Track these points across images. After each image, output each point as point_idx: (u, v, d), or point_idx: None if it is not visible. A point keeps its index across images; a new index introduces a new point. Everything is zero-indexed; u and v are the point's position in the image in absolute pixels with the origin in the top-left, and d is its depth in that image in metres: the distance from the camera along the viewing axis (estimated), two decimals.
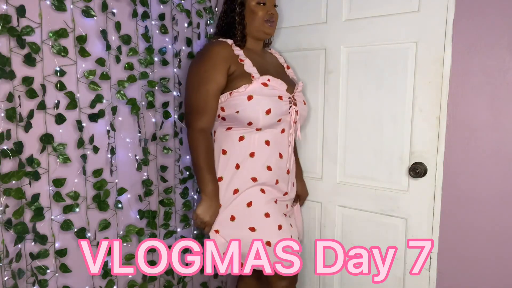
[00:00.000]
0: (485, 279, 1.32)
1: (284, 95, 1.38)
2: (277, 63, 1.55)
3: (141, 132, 1.43)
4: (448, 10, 1.31)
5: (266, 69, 1.43)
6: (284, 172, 1.44)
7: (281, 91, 1.38)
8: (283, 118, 1.39)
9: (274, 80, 1.37)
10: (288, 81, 1.47)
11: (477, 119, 1.29)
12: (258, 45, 1.48)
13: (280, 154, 1.41)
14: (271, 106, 1.33)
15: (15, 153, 1.10)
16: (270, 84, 1.35)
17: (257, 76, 1.35)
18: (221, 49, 1.36)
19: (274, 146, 1.40)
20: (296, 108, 1.43)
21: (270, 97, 1.34)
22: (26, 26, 1.10)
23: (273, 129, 1.39)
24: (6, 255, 1.10)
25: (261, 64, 1.43)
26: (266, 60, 1.49)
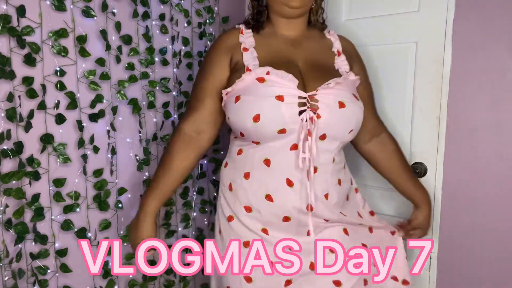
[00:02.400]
0: (485, 279, 1.32)
1: (289, 94, 1.00)
2: (322, 50, 1.16)
3: (141, 132, 1.43)
4: (448, 10, 1.31)
5: (284, 58, 1.09)
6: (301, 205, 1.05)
7: (286, 88, 1.00)
8: (289, 128, 1.00)
9: (275, 72, 1.02)
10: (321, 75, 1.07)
11: (477, 119, 1.29)
12: (293, 27, 1.13)
13: (288, 181, 1.04)
14: (261, 110, 0.99)
15: (15, 153, 1.10)
16: (269, 79, 1.01)
17: (254, 68, 1.05)
18: (225, 37, 1.14)
19: (278, 168, 1.04)
20: (311, 114, 1.00)
21: (263, 97, 1.00)
22: (26, 26, 1.10)
23: (275, 143, 1.03)
24: (6, 255, 1.10)
25: (280, 52, 1.11)
26: (299, 47, 1.13)
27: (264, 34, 1.14)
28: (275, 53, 1.11)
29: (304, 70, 1.08)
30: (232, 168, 1.13)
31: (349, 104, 1.04)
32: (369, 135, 1.24)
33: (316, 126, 1.01)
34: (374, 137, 1.25)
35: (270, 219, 1.07)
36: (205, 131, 1.14)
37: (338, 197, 1.10)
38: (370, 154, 1.27)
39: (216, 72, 1.11)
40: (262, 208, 1.07)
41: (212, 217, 1.75)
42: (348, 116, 1.04)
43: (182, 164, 1.13)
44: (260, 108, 0.99)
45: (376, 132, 1.25)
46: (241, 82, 1.04)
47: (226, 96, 1.08)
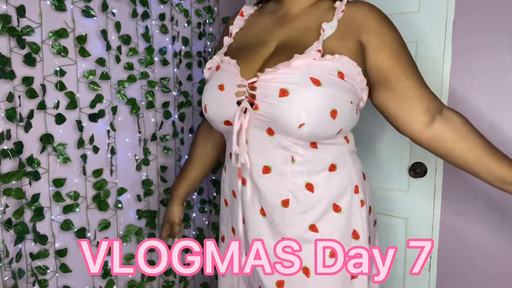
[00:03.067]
0: (485, 279, 1.32)
1: (229, 83, 0.92)
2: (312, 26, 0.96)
3: (141, 132, 1.43)
4: (448, 10, 1.31)
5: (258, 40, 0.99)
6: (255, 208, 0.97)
7: (230, 76, 0.93)
8: (232, 120, 0.93)
9: (226, 60, 0.97)
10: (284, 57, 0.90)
11: (477, 119, 1.29)
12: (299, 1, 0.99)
13: (243, 179, 0.97)
14: (206, 100, 0.96)
15: (15, 153, 1.10)
16: (222, 67, 0.97)
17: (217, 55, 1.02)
18: (228, 22, 1.12)
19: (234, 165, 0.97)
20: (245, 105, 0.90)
21: (210, 87, 0.96)
22: (26, 26, 1.10)
23: (231, 136, 0.96)
24: (6, 255, 1.10)
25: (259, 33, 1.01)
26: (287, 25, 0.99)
27: (264, 12, 1.06)
28: (253, 36, 1.01)
29: (273, 54, 0.94)
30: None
31: (296, 91, 0.84)
32: (429, 115, 0.92)
33: (248, 118, 0.89)
34: (437, 116, 0.92)
35: (236, 217, 1.01)
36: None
37: (308, 205, 0.93)
38: (439, 139, 0.92)
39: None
40: (232, 204, 1.03)
41: (212, 217, 1.75)
42: (293, 106, 0.84)
43: (200, 150, 1.23)
44: (207, 98, 0.96)
45: (436, 109, 0.93)
46: (206, 71, 1.03)
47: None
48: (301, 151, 0.91)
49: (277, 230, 0.96)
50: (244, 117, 0.90)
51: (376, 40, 0.92)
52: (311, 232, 0.94)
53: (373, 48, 0.92)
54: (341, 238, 0.96)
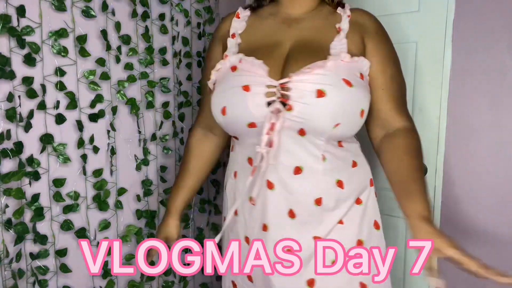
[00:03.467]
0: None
1: (257, 83, 0.89)
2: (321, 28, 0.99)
3: (141, 132, 1.43)
4: (448, 10, 1.31)
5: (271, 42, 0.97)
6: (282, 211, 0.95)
7: (254, 76, 0.90)
8: (258, 122, 0.90)
9: (247, 60, 0.93)
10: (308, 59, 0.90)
11: (477, 119, 1.29)
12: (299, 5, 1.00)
13: (268, 183, 0.93)
14: (227, 102, 0.91)
15: (15, 153, 1.10)
16: (240, 68, 0.92)
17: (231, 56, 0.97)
18: (220, 25, 1.07)
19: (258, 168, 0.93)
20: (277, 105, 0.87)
21: (230, 88, 0.91)
22: (26, 26, 1.10)
23: (253, 138, 0.92)
24: (6, 255, 1.10)
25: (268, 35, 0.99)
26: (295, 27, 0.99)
27: (262, 14, 1.04)
28: (263, 36, 1.00)
29: (291, 54, 0.94)
30: (228, 166, 1.09)
31: (332, 92, 0.85)
32: (383, 131, 1.00)
33: (283, 119, 0.87)
34: (386, 135, 1.00)
35: (251, 225, 0.97)
36: (215, 127, 1.08)
37: (338, 202, 0.95)
38: (380, 154, 1.02)
39: (211, 65, 1.03)
40: (246, 212, 0.99)
41: (212, 217, 1.75)
42: (330, 107, 0.86)
43: (196, 160, 1.15)
44: (227, 100, 0.91)
45: (390, 127, 0.99)
46: (216, 72, 0.98)
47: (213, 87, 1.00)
48: (330, 150, 0.93)
49: (308, 230, 0.95)
50: (277, 118, 0.87)
51: (372, 46, 0.99)
52: (339, 224, 0.96)
53: (369, 52, 0.98)
54: (359, 228, 0.99)
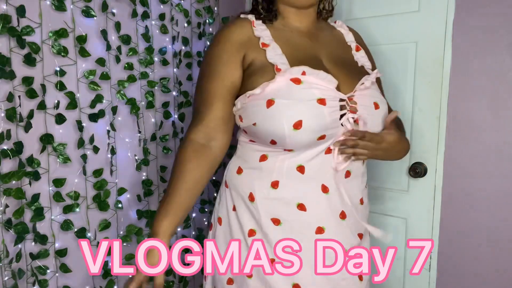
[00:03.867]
0: (485, 279, 1.32)
1: (330, 97, 0.91)
2: (339, 44, 1.06)
3: (141, 132, 1.43)
4: (448, 10, 1.31)
5: (308, 55, 0.98)
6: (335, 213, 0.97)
7: (326, 90, 0.91)
8: (329, 134, 0.92)
9: (312, 73, 0.92)
10: (349, 72, 0.99)
11: (477, 119, 1.29)
12: (305, 18, 1.02)
13: (323, 187, 0.95)
14: (303, 116, 0.88)
15: (15, 153, 1.10)
16: (305, 80, 0.90)
17: (285, 68, 0.92)
18: (234, 30, 0.99)
19: (312, 175, 0.95)
20: (354, 115, 0.93)
21: (302, 101, 0.89)
22: (26, 26, 1.10)
23: (312, 149, 0.94)
24: (6, 255, 1.10)
25: (301, 47, 0.99)
26: (316, 40, 1.02)
27: (277, 26, 1.02)
28: (296, 48, 0.98)
29: (332, 68, 0.98)
30: (251, 176, 1.00)
31: (381, 104, 0.99)
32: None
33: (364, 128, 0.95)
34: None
35: (302, 231, 0.97)
36: (216, 139, 0.99)
37: (367, 199, 1.08)
38: None
39: (226, 72, 0.96)
40: (293, 219, 0.96)
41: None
42: (382, 117, 0.99)
43: (193, 174, 0.96)
44: (301, 113, 0.88)
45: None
46: (272, 83, 0.91)
47: (248, 99, 0.94)
48: None
49: (355, 229, 1.02)
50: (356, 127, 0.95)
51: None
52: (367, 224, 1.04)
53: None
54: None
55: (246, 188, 1.00)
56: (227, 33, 0.99)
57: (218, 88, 0.97)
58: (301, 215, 0.96)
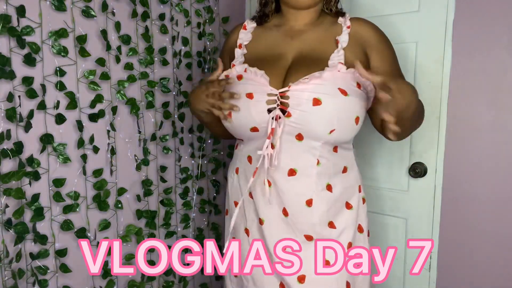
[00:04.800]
0: (485, 279, 1.32)
1: (259, 92, 0.98)
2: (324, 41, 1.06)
3: (141, 132, 1.43)
4: (448, 10, 1.31)
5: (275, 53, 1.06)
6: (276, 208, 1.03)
7: (257, 85, 0.99)
8: (260, 127, 1.00)
9: (251, 70, 1.02)
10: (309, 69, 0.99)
11: (477, 119, 1.29)
12: (302, 18, 1.08)
13: (267, 182, 1.02)
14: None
15: (15, 153, 1.10)
16: (245, 76, 1.02)
17: (239, 65, 1.07)
18: (230, 35, 1.17)
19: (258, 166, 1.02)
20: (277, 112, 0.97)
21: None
22: (26, 26, 1.10)
23: (255, 141, 1.04)
24: (6, 255, 1.10)
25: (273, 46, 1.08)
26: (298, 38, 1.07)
27: (267, 26, 1.12)
28: (267, 48, 1.08)
29: (292, 65, 1.03)
30: (231, 162, 1.17)
31: (327, 101, 0.94)
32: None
33: (282, 124, 0.96)
34: None
35: (251, 218, 1.07)
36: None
37: (327, 204, 1.02)
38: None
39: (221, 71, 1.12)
40: (246, 205, 1.08)
41: (212, 217, 1.75)
42: (325, 114, 0.94)
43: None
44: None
45: None
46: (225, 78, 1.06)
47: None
48: (326, 155, 1.00)
49: (300, 229, 1.02)
50: (278, 124, 0.97)
51: (377, 56, 1.04)
52: (330, 229, 1.02)
53: (374, 62, 1.04)
54: (353, 233, 1.05)
55: (228, 172, 1.16)
56: (226, 40, 1.17)
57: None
58: (250, 203, 1.06)
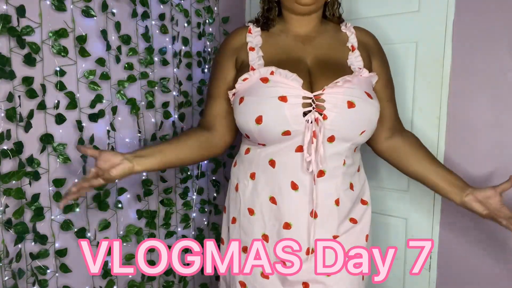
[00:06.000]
0: (485, 279, 1.32)
1: (293, 95, 0.96)
2: (336, 46, 1.09)
3: (141, 132, 1.43)
4: (448, 10, 1.31)
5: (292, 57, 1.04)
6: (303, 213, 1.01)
7: (290, 88, 0.97)
8: (293, 130, 0.97)
9: (279, 72, 0.99)
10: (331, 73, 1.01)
11: (477, 119, 1.29)
12: (305, 24, 1.09)
13: (293, 184, 1.00)
14: (263, 111, 0.96)
15: (15, 153, 1.10)
16: (272, 79, 0.98)
17: (259, 68, 1.02)
18: (232, 38, 1.13)
19: (283, 170, 1.01)
20: (316, 115, 0.96)
21: (266, 98, 0.97)
22: (26, 26, 1.10)
23: (281, 144, 1.00)
24: (6, 255, 1.10)
25: (288, 51, 1.06)
26: (309, 43, 1.08)
27: (274, 32, 1.11)
28: (282, 51, 1.07)
29: (313, 68, 1.03)
30: (239, 168, 1.12)
31: (360, 103, 0.98)
32: (390, 132, 1.15)
33: (322, 127, 0.96)
34: (396, 133, 1.16)
35: (272, 223, 1.04)
36: (214, 129, 1.13)
37: (351, 202, 1.06)
38: (393, 149, 1.15)
39: (222, 74, 1.11)
40: (265, 211, 1.04)
41: (212, 217, 1.75)
42: (358, 116, 0.98)
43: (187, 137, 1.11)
44: (262, 109, 0.96)
45: (397, 129, 1.16)
46: (245, 82, 1.02)
47: (232, 97, 1.07)
48: (350, 155, 1.04)
49: (328, 228, 1.03)
50: (318, 127, 0.96)
51: (378, 64, 1.12)
52: (351, 224, 1.06)
53: (375, 68, 1.11)
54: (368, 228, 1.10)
55: (234, 179, 1.13)
56: (225, 41, 1.13)
57: (215, 89, 1.12)
58: (272, 208, 1.03)
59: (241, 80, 1.03)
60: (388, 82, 1.15)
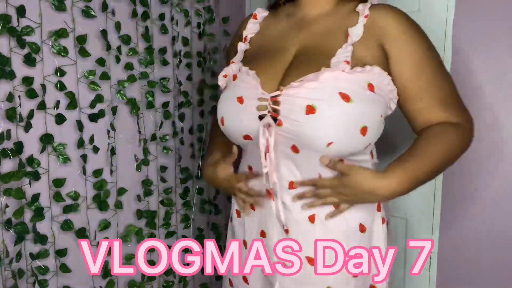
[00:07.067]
0: (485, 279, 1.32)
1: (249, 96, 0.86)
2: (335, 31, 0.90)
3: (141, 132, 1.43)
4: (448, 10, 1.31)
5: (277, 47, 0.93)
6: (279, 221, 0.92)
7: (249, 88, 0.87)
8: (253, 135, 0.87)
9: (244, 70, 0.90)
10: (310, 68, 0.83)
11: (477, 119, 1.29)
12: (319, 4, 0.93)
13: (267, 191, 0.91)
14: (224, 113, 0.90)
15: (15, 153, 1.10)
16: (239, 77, 0.90)
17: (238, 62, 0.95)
18: (239, 26, 1.07)
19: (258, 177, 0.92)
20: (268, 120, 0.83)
21: (229, 98, 0.90)
22: (26, 26, 1.10)
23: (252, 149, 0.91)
24: (6, 255, 1.10)
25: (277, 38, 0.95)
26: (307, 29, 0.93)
27: (279, 16, 1.00)
28: (270, 41, 0.96)
29: (295, 62, 0.88)
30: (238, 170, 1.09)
31: (323, 108, 0.79)
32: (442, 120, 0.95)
33: (273, 134, 0.82)
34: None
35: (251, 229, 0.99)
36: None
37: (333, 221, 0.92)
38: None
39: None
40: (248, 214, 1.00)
41: (212, 217, 1.75)
42: (321, 125, 0.79)
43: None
44: (223, 110, 0.90)
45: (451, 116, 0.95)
46: (226, 78, 0.96)
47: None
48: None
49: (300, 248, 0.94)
50: (270, 133, 0.82)
51: (398, 52, 0.87)
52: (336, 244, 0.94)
53: (395, 60, 0.87)
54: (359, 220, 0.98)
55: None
56: (236, 31, 1.10)
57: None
58: (252, 213, 0.98)
59: (222, 77, 0.97)
60: (420, 72, 0.88)
